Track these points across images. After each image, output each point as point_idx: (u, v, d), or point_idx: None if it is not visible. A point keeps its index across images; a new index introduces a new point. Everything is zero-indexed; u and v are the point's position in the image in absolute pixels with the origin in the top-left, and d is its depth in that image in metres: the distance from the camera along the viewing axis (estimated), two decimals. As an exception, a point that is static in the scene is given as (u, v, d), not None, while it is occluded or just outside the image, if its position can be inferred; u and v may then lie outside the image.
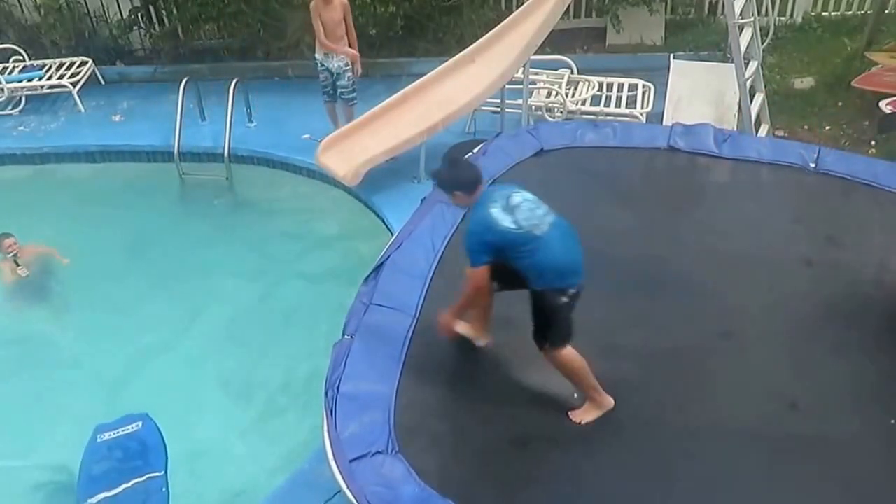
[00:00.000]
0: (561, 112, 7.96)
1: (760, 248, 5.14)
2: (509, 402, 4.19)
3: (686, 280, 4.92)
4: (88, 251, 7.30)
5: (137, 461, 4.68)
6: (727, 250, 5.14)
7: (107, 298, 6.76)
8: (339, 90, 7.95)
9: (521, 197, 3.97)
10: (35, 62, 9.77)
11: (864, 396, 4.18)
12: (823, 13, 9.85)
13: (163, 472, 4.66)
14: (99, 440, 4.81)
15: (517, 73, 7.60)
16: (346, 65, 7.80)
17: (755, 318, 4.65)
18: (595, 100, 8.13)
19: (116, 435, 4.81)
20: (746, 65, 6.94)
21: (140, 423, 4.88)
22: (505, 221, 3.84)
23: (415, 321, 4.53)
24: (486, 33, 7.85)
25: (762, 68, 7.51)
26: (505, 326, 4.55)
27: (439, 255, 5.00)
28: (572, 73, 8.50)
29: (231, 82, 8.20)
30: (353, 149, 7.45)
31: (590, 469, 3.86)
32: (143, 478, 4.57)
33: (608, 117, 7.60)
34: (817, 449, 3.92)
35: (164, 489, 4.61)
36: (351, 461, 3.75)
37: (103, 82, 9.87)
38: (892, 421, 3.98)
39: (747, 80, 6.94)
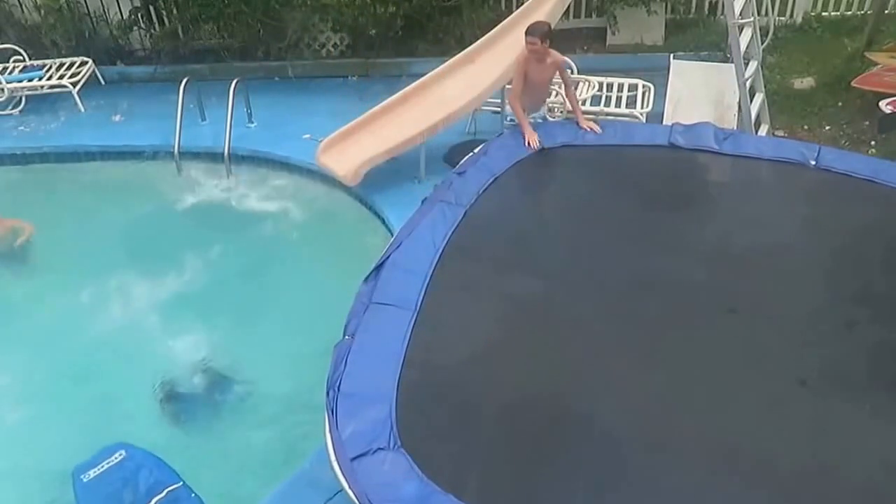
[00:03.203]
0: (561, 112, 7.96)
1: (761, 245, 5.15)
2: (513, 395, 4.19)
3: (688, 275, 4.92)
4: (88, 251, 7.31)
5: (145, 483, 4.55)
6: (728, 246, 5.15)
7: (104, 298, 6.76)
8: None
9: None
10: (35, 62, 9.76)
11: (867, 384, 4.19)
12: (823, 13, 9.86)
13: (181, 482, 4.60)
14: (85, 480, 4.60)
15: (517, 73, 7.61)
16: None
17: (758, 308, 4.65)
18: (595, 100, 8.12)
19: (102, 470, 4.61)
20: (746, 65, 6.95)
21: (123, 452, 4.71)
22: None
23: (415, 316, 4.53)
24: (486, 33, 7.86)
25: (762, 68, 7.51)
26: (508, 323, 4.58)
27: (440, 252, 5.01)
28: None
29: (231, 82, 8.21)
30: (353, 149, 7.47)
31: (596, 460, 3.85)
32: (164, 493, 4.50)
33: (608, 117, 7.59)
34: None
35: (193, 495, 4.55)
36: (352, 460, 3.75)
37: (103, 82, 9.87)
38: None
39: (747, 80, 6.95)
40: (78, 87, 9.35)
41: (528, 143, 6.12)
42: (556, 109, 8.01)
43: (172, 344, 6.23)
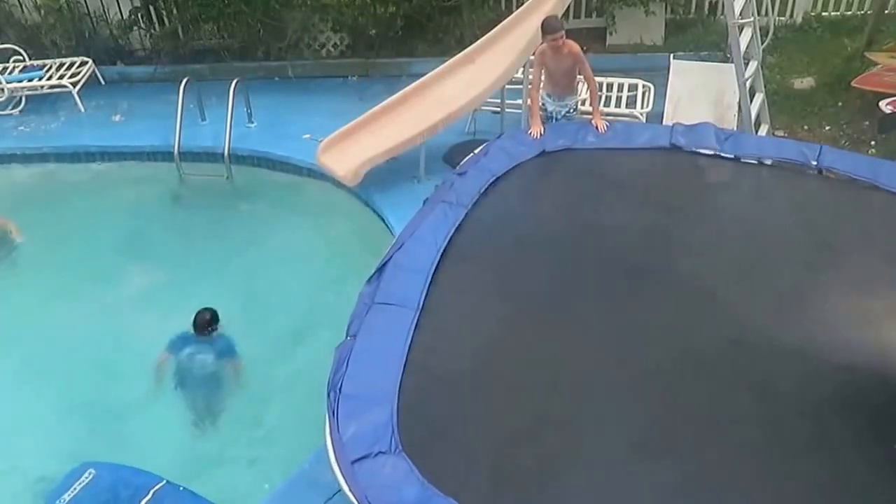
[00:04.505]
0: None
1: (762, 245, 5.15)
2: (515, 398, 4.19)
3: (689, 278, 4.92)
4: (88, 251, 7.31)
5: (125, 493, 4.46)
6: (729, 247, 5.15)
7: (104, 299, 6.76)
8: None
9: None
10: (35, 62, 9.77)
11: (867, 385, 4.18)
12: (823, 13, 9.86)
13: (164, 480, 4.55)
14: None
15: (517, 73, 7.61)
16: (570, 111, 6.82)
17: (760, 316, 4.64)
18: (595, 100, 8.12)
19: (76, 493, 4.50)
20: (746, 65, 6.94)
21: (92, 471, 4.61)
22: None
23: (417, 316, 4.53)
24: (486, 33, 7.86)
25: (762, 68, 7.51)
26: (510, 323, 4.58)
27: (441, 251, 5.01)
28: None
29: (231, 82, 8.21)
30: (353, 149, 7.47)
31: (599, 466, 3.85)
32: (149, 495, 4.45)
33: (608, 117, 7.57)
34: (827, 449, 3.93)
35: (181, 489, 4.53)
36: (353, 462, 3.75)
37: (103, 82, 9.87)
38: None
39: (747, 80, 6.94)
40: (78, 87, 9.35)
41: (531, 133, 6.27)
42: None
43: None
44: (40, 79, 9.46)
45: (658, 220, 5.45)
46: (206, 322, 5.94)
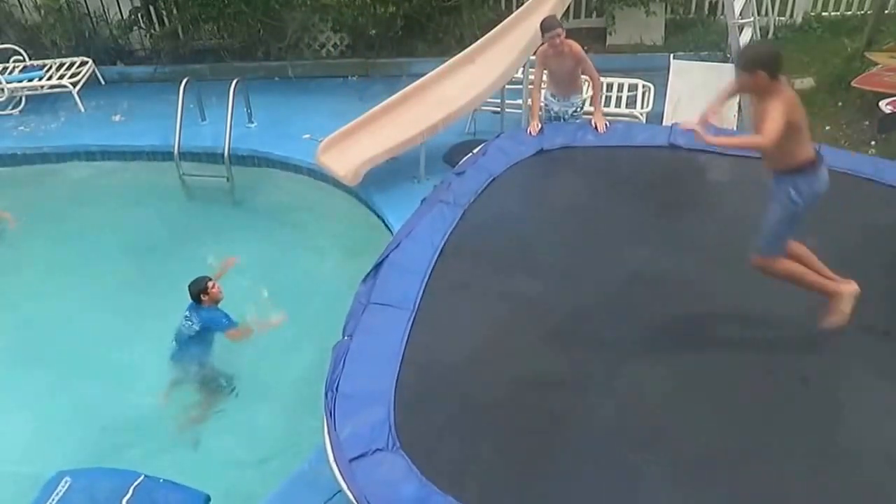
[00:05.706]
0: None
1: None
2: (511, 395, 4.20)
3: (686, 275, 4.92)
4: (88, 252, 7.31)
5: (104, 494, 4.38)
6: (728, 245, 5.14)
7: (105, 298, 6.76)
8: None
9: None
10: (35, 62, 9.78)
11: (869, 383, 4.18)
12: (823, 13, 9.84)
13: (142, 475, 4.47)
14: None
15: (517, 73, 7.61)
16: (577, 110, 6.81)
17: (759, 307, 4.64)
18: (595, 99, 8.12)
19: (54, 501, 4.39)
20: (746, 65, 6.93)
21: (68, 479, 4.51)
22: None
23: (413, 316, 4.54)
24: (486, 33, 7.87)
25: (762, 68, 7.49)
26: (507, 322, 4.58)
27: (438, 251, 5.01)
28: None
29: (231, 82, 8.21)
30: (353, 149, 7.47)
31: (595, 459, 3.86)
32: (129, 493, 4.37)
33: (608, 117, 7.58)
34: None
35: (161, 481, 4.48)
36: (351, 461, 3.75)
37: (103, 82, 9.88)
38: None
39: (747, 80, 6.93)
40: (78, 87, 9.36)
41: (529, 131, 6.37)
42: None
43: (168, 345, 6.23)
44: (40, 79, 9.47)
45: (656, 218, 5.45)
46: (198, 291, 5.93)
